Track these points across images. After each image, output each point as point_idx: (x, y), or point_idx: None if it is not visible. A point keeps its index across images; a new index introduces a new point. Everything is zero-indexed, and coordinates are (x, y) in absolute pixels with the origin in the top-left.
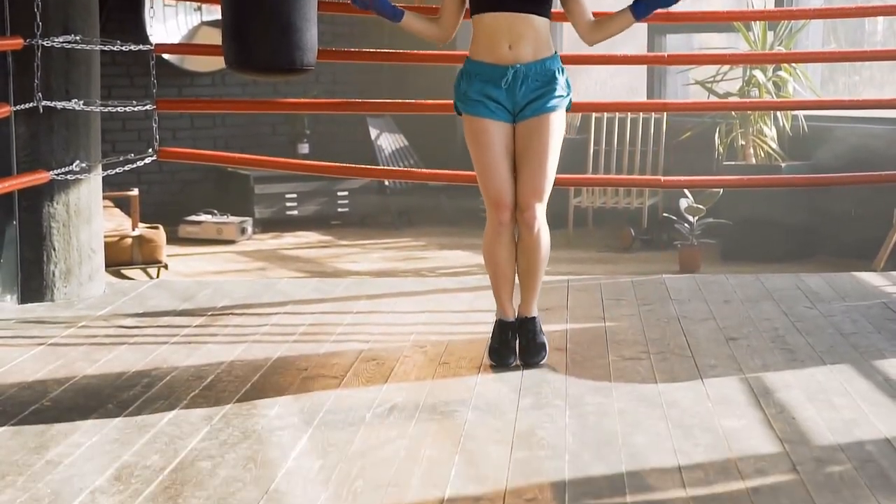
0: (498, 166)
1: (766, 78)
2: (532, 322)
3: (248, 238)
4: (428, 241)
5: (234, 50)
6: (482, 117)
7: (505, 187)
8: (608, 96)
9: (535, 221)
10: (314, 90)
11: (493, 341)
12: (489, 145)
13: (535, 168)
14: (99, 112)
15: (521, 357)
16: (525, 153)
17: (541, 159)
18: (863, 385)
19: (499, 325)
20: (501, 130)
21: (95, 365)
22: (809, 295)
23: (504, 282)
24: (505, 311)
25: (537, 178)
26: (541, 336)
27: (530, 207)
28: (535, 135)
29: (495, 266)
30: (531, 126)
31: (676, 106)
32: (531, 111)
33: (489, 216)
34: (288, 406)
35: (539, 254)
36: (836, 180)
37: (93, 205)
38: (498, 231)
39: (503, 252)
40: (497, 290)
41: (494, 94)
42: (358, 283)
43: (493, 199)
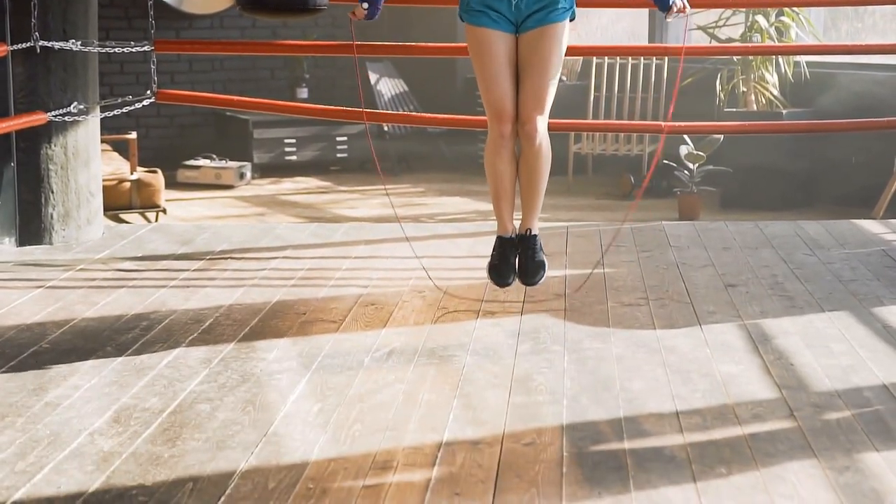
0: (500, 77)
1: (768, 23)
2: (532, 239)
3: (246, 183)
4: (427, 187)
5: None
6: (484, 27)
7: (507, 98)
8: (610, 41)
9: (537, 133)
10: (314, 34)
11: (493, 258)
12: (491, 56)
13: (536, 80)
14: (97, 53)
15: (520, 276)
16: (527, 65)
17: (542, 71)
18: (861, 332)
19: (499, 241)
20: (504, 41)
21: (94, 308)
22: (808, 242)
23: (505, 197)
24: (505, 228)
25: (539, 90)
26: (540, 254)
27: (532, 119)
28: (537, 46)
29: (496, 179)
30: (533, 37)
31: (675, 50)
32: (534, 22)
33: (490, 128)
34: (286, 350)
35: (540, 166)
36: (837, 126)
37: (91, 147)
38: (499, 143)
39: (504, 165)
40: (497, 206)
41: (497, 4)
42: (356, 228)
43: (495, 110)
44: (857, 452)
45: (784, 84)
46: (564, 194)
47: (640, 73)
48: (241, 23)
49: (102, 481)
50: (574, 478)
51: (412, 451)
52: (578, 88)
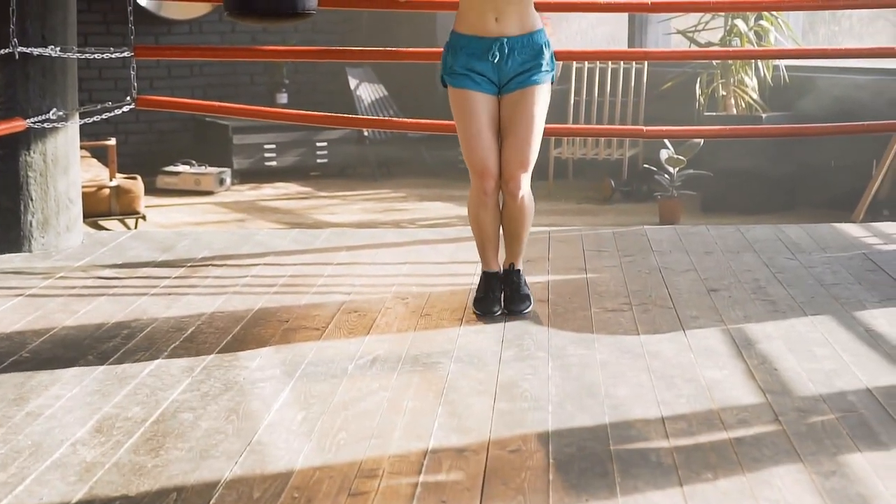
0: (482, 136)
1: (747, 28)
2: (516, 274)
3: (226, 189)
4: (408, 193)
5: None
6: (467, 89)
7: (490, 156)
8: (589, 46)
9: (520, 191)
10: (293, 39)
11: (479, 292)
12: (474, 115)
13: (520, 139)
14: (76, 59)
15: (506, 306)
16: (510, 124)
17: (526, 130)
18: (843, 336)
19: (484, 276)
20: (486, 101)
21: (74, 316)
22: (790, 246)
23: (489, 244)
24: (490, 266)
25: (522, 149)
26: (525, 288)
27: (515, 178)
28: (520, 106)
29: (481, 231)
30: (517, 98)
31: (659, 55)
32: (517, 84)
33: (473, 184)
34: (269, 358)
35: (523, 221)
36: (817, 130)
37: (70, 154)
38: (483, 200)
39: (488, 218)
40: (482, 251)
41: (480, 67)
42: (338, 234)
43: (478, 169)
44: (842, 457)
45: (763, 88)
46: (545, 199)
47: (619, 77)
48: (220, 28)
49: (85, 492)
50: (560, 485)
51: (398, 458)
52: (558, 93)
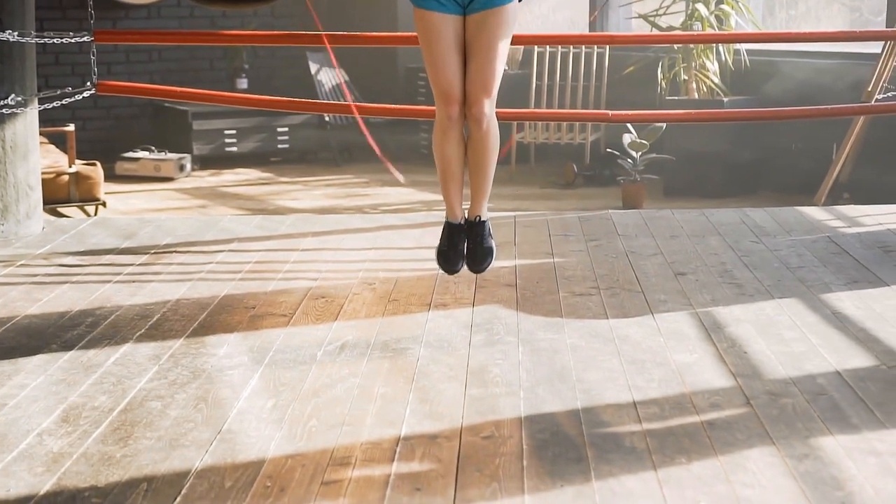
0: (447, 59)
1: (708, 12)
2: (481, 226)
3: (186, 175)
4: (369, 178)
5: None
6: (432, 10)
7: (454, 81)
8: (550, 30)
9: (484, 116)
10: (253, 24)
11: (441, 244)
12: (438, 39)
13: (483, 62)
14: (34, 45)
15: (468, 262)
16: (474, 47)
17: (489, 54)
18: (811, 318)
19: (447, 227)
20: (451, 24)
21: (37, 304)
22: (755, 229)
23: (453, 181)
24: (454, 213)
25: (486, 72)
26: (489, 240)
27: (478, 102)
28: (483, 28)
29: (444, 163)
30: (481, 19)
31: (622, 39)
32: (481, 4)
33: (438, 111)
34: (237, 345)
35: (488, 149)
36: (779, 114)
37: (29, 140)
38: (447, 126)
39: (452, 148)
40: (446, 190)
41: None
42: (303, 220)
43: (443, 93)
44: (814, 440)
45: (725, 72)
46: (508, 183)
47: (581, 61)
48: (179, 12)
49: (53, 483)
50: (535, 471)
51: (370, 446)
52: (520, 77)
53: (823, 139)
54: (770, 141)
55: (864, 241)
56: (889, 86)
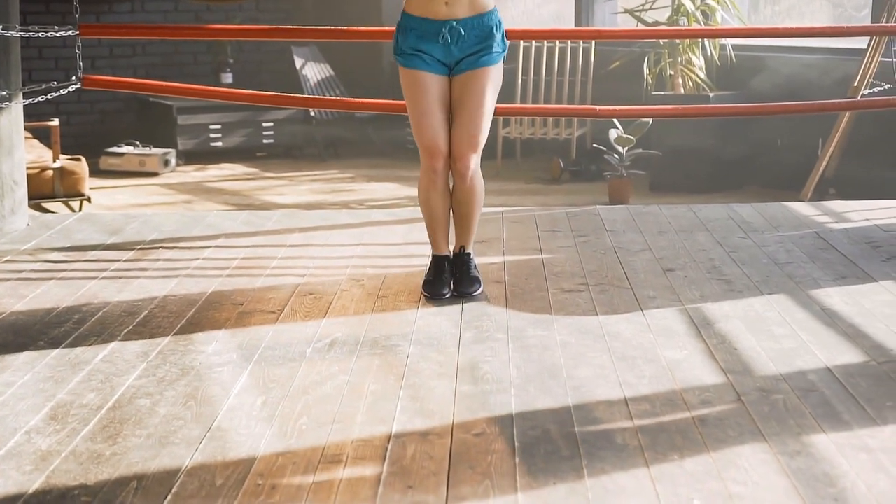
0: (432, 115)
1: (694, 7)
2: (467, 257)
3: (171, 170)
4: (355, 173)
5: None
6: (418, 69)
7: (439, 135)
8: (536, 25)
9: (469, 171)
10: (237, 18)
11: (428, 275)
12: (424, 94)
13: (469, 119)
14: (18, 38)
15: (456, 288)
16: (460, 104)
17: (476, 111)
18: (800, 314)
19: (434, 259)
20: (437, 82)
21: (23, 301)
22: (742, 225)
23: (439, 227)
24: (440, 250)
25: (472, 128)
26: (475, 271)
27: (465, 157)
28: (471, 87)
29: (430, 213)
30: (467, 79)
31: (609, 33)
32: (467, 65)
33: (423, 164)
34: (226, 342)
35: (473, 202)
36: (765, 109)
37: (14, 135)
38: (432, 179)
39: (438, 199)
40: (432, 234)
41: (430, 48)
42: (289, 216)
43: (428, 148)
44: (806, 437)
45: (710, 67)
46: (494, 178)
47: (567, 56)
48: (162, 6)
49: (42, 482)
50: (527, 468)
51: (361, 443)
52: (506, 72)
53: (809, 134)
54: (756, 136)
55: (851, 237)
56: (875, 81)
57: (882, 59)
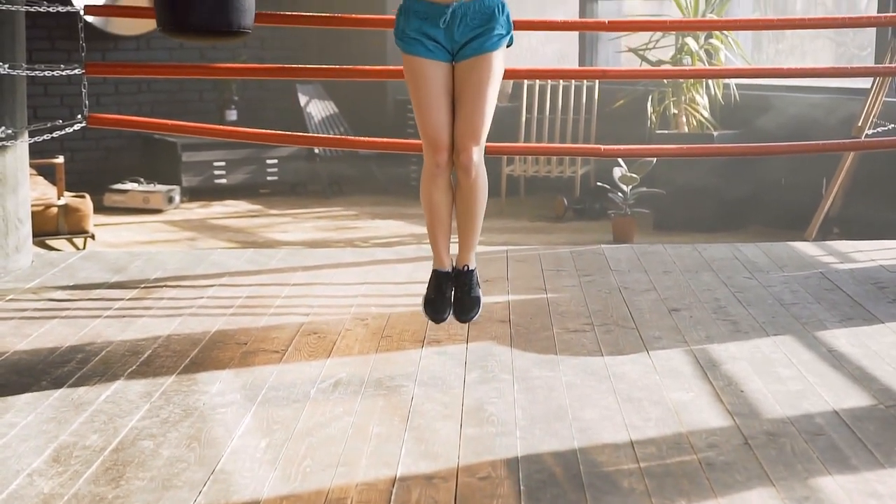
0: (435, 106)
1: (698, 46)
2: (469, 275)
3: (175, 207)
4: (359, 211)
5: (168, 11)
6: (420, 56)
7: (442, 128)
8: (540, 63)
9: (472, 164)
10: (242, 55)
11: (429, 292)
12: (427, 85)
13: (471, 110)
14: (24, 77)
15: (455, 312)
16: (462, 94)
17: (478, 101)
18: (807, 356)
19: (435, 275)
20: (440, 70)
21: (27, 340)
22: (747, 265)
23: (441, 228)
24: (442, 262)
25: (474, 119)
26: (476, 290)
27: (467, 149)
28: (472, 75)
29: (432, 210)
30: (469, 66)
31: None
32: (470, 51)
33: (426, 157)
34: (229, 382)
35: (476, 198)
36: (770, 150)
37: (19, 173)
38: (435, 173)
39: (440, 195)
40: (433, 237)
41: (432, 32)
42: (294, 254)
43: (430, 140)
44: (814, 481)
45: (714, 106)
46: (498, 216)
47: (571, 94)
48: (168, 44)
49: None
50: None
51: (366, 487)
52: (511, 110)
53: (814, 173)
54: (760, 175)
55: (856, 278)
56: (879, 121)
57: (886, 98)
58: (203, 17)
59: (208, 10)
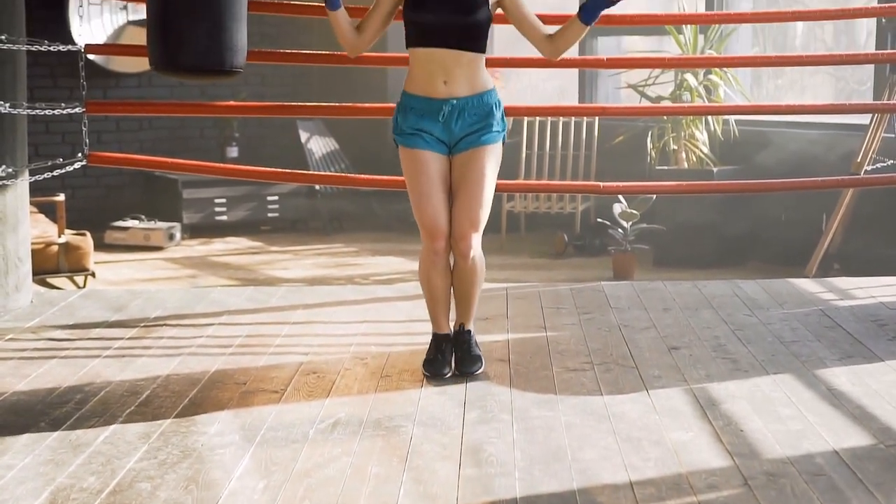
0: (432, 195)
1: (697, 82)
2: (467, 334)
3: (176, 244)
4: (360, 247)
5: (160, 49)
6: (418, 148)
7: (440, 216)
8: (540, 100)
9: (471, 251)
10: (242, 92)
11: (429, 353)
12: (424, 174)
13: (470, 200)
14: (25, 115)
15: (457, 367)
16: (461, 184)
17: (476, 190)
18: (807, 395)
19: (434, 338)
20: (437, 161)
21: (25, 380)
22: (747, 302)
23: (440, 305)
24: (441, 328)
25: (473, 208)
26: (476, 349)
27: (466, 237)
28: (470, 166)
29: (431, 292)
30: (468, 158)
31: (614, 110)
32: (467, 144)
33: (424, 244)
34: (228, 422)
35: (474, 282)
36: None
37: (20, 211)
38: (433, 259)
39: (439, 279)
40: (433, 312)
41: (430, 127)
42: (294, 292)
43: (428, 228)
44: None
45: (714, 142)
46: (498, 252)
47: (571, 130)
48: (169, 81)
49: None
50: None
51: None
52: (510, 146)
53: (814, 209)
54: (760, 210)
55: (856, 315)
56: (878, 157)
57: (885, 134)
58: (195, 57)
59: (200, 50)
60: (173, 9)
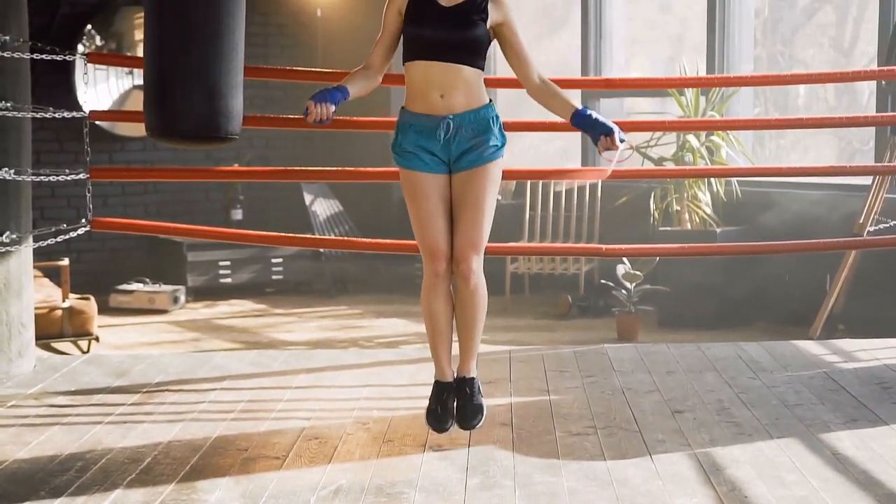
0: (433, 218)
1: (699, 143)
2: (470, 383)
3: (181, 307)
4: (364, 309)
5: (156, 116)
6: (417, 171)
7: (441, 238)
8: (542, 161)
9: (472, 274)
10: (247, 155)
11: (431, 403)
12: (424, 198)
13: (471, 221)
14: (30, 181)
15: (458, 420)
16: (461, 205)
17: (476, 213)
18: (811, 460)
19: (437, 386)
20: (437, 182)
21: (26, 448)
22: (751, 364)
23: (441, 338)
24: (443, 372)
25: (473, 230)
26: (478, 397)
27: (466, 259)
28: (471, 187)
29: (432, 319)
30: (467, 178)
31: (617, 173)
32: (467, 162)
33: (425, 268)
34: (229, 489)
35: (476, 307)
36: (773, 248)
37: (23, 277)
38: (434, 283)
39: (440, 305)
40: (434, 348)
41: (429, 145)
42: (297, 356)
43: (429, 251)
44: None
45: (717, 203)
46: (502, 314)
47: (574, 192)
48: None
49: None
50: None
51: None
52: (514, 208)
53: (817, 270)
54: (764, 272)
55: (861, 378)
56: (880, 217)
57: (887, 195)
58: (191, 124)
59: (196, 117)
60: (169, 76)
